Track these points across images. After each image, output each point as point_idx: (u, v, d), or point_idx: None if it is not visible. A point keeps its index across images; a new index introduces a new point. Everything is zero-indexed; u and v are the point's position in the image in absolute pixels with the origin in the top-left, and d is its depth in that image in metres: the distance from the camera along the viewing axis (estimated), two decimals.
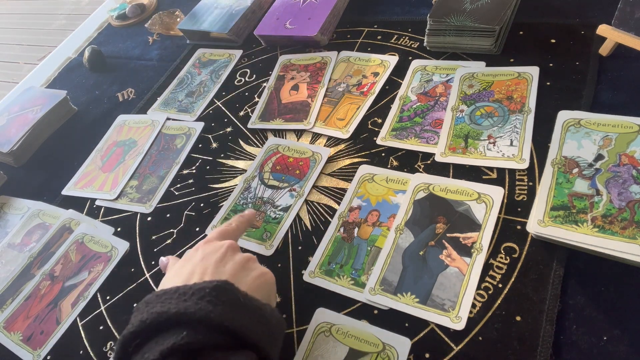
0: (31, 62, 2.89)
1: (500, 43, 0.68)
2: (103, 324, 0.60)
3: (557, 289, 0.46)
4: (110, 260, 0.66)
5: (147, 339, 0.37)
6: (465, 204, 0.54)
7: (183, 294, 0.38)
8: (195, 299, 0.37)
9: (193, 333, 0.35)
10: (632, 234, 0.45)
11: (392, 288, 0.51)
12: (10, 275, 0.69)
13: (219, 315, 0.36)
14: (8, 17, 3.45)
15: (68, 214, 0.74)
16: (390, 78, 0.72)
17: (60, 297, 0.64)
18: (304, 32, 0.80)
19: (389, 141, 0.64)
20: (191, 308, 0.36)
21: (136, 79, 0.94)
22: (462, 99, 0.64)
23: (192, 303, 0.37)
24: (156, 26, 1.02)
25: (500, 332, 0.46)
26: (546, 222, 0.49)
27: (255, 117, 0.76)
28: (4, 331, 0.64)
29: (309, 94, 0.75)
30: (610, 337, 0.43)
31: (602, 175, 0.51)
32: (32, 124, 0.86)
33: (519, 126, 0.59)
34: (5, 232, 0.77)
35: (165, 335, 0.36)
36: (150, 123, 0.83)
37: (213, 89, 0.84)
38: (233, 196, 0.66)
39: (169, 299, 0.38)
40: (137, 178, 0.75)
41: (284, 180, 0.65)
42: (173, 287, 0.39)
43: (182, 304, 0.37)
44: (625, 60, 0.61)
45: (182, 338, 0.35)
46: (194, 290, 0.38)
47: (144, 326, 0.36)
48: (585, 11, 0.68)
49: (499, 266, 0.50)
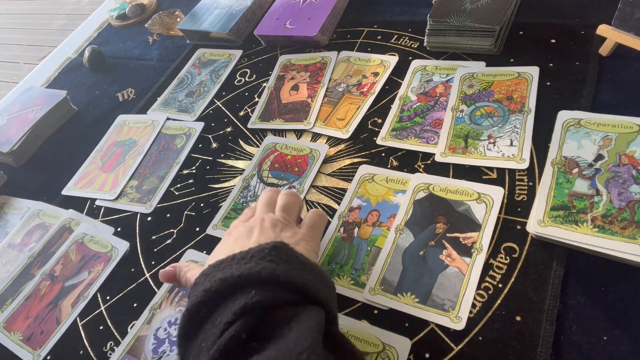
0: (31, 62, 2.89)
1: (500, 43, 0.68)
2: (103, 324, 0.60)
3: (557, 289, 0.46)
4: (110, 260, 0.66)
5: (215, 306, 0.36)
6: (465, 204, 0.54)
7: (241, 258, 0.37)
8: (256, 260, 0.37)
9: (262, 291, 0.35)
10: (632, 234, 0.45)
11: (392, 288, 0.51)
12: (10, 275, 0.69)
13: (284, 272, 0.36)
14: (8, 17, 3.45)
15: (68, 214, 0.74)
16: (390, 78, 0.72)
17: (60, 297, 0.64)
18: (304, 32, 0.80)
19: (389, 141, 0.64)
20: (255, 268, 0.35)
21: (136, 79, 0.94)
22: (462, 99, 0.64)
23: (255, 264, 0.36)
24: (156, 26, 1.02)
25: (500, 332, 0.46)
26: (546, 222, 0.49)
27: (255, 117, 0.76)
28: (4, 331, 0.64)
29: (309, 94, 0.75)
30: (610, 337, 0.43)
31: (602, 175, 0.51)
32: (32, 124, 0.87)
33: (519, 126, 0.59)
34: (5, 232, 0.77)
35: (232, 298, 0.35)
36: (150, 123, 0.83)
37: (213, 89, 0.84)
38: (232, 195, 0.66)
39: (228, 266, 0.37)
40: (137, 178, 0.75)
41: (283, 178, 0.66)
42: (229, 256, 0.38)
43: (244, 266, 0.36)
44: (625, 60, 0.61)
45: (252, 296, 0.34)
46: (253, 253, 0.37)
47: (209, 295, 0.35)
48: (585, 11, 0.68)
49: (499, 266, 0.50)
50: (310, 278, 0.37)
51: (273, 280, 0.35)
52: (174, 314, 0.58)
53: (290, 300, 0.36)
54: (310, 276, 0.38)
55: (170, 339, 0.56)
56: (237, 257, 0.38)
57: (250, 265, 0.36)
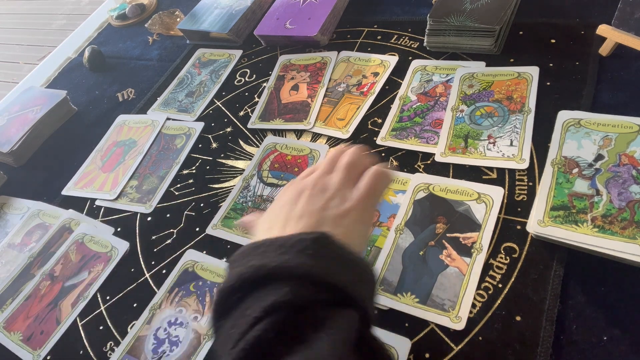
0: (31, 62, 2.89)
1: (500, 43, 0.68)
2: (103, 324, 0.60)
3: (557, 289, 0.46)
4: (110, 260, 0.66)
5: (246, 293, 0.35)
6: (465, 204, 0.54)
7: (280, 246, 0.35)
8: (294, 252, 0.35)
9: (295, 288, 0.33)
10: (632, 234, 0.45)
11: (392, 288, 0.51)
12: (10, 275, 0.69)
13: (322, 270, 0.34)
14: (8, 17, 3.45)
15: (68, 214, 0.74)
16: (390, 78, 0.72)
17: (60, 297, 0.64)
18: (304, 32, 0.80)
19: (389, 141, 0.64)
20: (292, 262, 0.34)
21: (136, 79, 0.94)
22: (462, 99, 0.64)
23: (292, 256, 0.34)
24: (156, 26, 1.02)
25: (500, 332, 0.45)
26: (546, 222, 0.49)
27: (255, 117, 0.76)
28: (4, 331, 0.64)
29: (309, 94, 0.75)
30: (610, 337, 0.43)
31: (602, 175, 0.51)
32: (32, 124, 0.86)
33: (519, 126, 0.59)
34: (5, 232, 0.77)
35: (265, 290, 0.34)
36: (150, 123, 0.83)
37: (213, 89, 0.84)
38: (232, 195, 0.66)
39: (265, 253, 0.35)
40: (137, 178, 0.75)
41: (283, 178, 0.66)
42: (268, 240, 0.36)
43: (280, 257, 0.34)
44: (625, 60, 0.61)
45: (284, 295, 0.32)
46: (292, 243, 0.35)
47: (242, 280, 0.34)
48: (585, 11, 0.68)
49: (499, 266, 0.50)
50: (349, 277, 0.35)
51: (309, 278, 0.33)
52: (174, 314, 0.58)
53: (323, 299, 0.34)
54: (350, 274, 0.35)
55: (170, 339, 0.56)
56: (276, 244, 0.36)
57: (287, 258, 0.34)
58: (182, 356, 0.54)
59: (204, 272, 0.60)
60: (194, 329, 0.56)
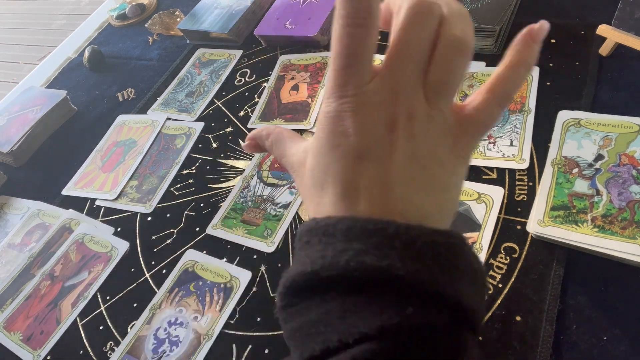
0: (31, 62, 2.89)
1: (500, 43, 0.68)
2: (103, 324, 0.60)
3: (557, 289, 0.46)
4: (110, 260, 0.66)
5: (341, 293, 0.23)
6: (465, 204, 0.54)
7: (391, 237, 0.23)
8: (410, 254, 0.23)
9: (422, 311, 0.22)
10: (632, 234, 0.45)
11: None
12: (10, 275, 0.69)
13: (456, 290, 0.23)
14: (8, 17, 3.45)
15: (68, 214, 0.74)
16: None
17: (60, 297, 0.64)
18: (304, 32, 0.80)
19: None
20: (423, 274, 0.22)
21: (136, 79, 0.94)
22: (462, 99, 0.64)
23: (421, 264, 0.22)
24: (156, 26, 1.02)
25: (500, 332, 0.45)
26: (546, 222, 0.49)
27: (255, 117, 0.76)
28: (4, 331, 0.64)
29: (309, 94, 0.75)
30: (610, 337, 0.43)
31: (602, 175, 0.51)
32: (32, 124, 0.86)
33: (519, 126, 0.59)
34: (5, 232, 0.77)
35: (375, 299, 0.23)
36: (150, 123, 0.83)
37: (213, 89, 0.84)
38: (232, 195, 0.66)
39: (357, 238, 0.23)
40: (137, 178, 0.75)
41: (283, 178, 0.66)
42: (361, 219, 0.23)
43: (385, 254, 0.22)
44: (625, 60, 0.61)
45: (410, 317, 0.22)
46: (411, 239, 0.23)
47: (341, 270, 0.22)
48: (585, 11, 0.68)
49: (499, 266, 0.50)
50: (479, 298, 0.25)
51: (440, 298, 0.23)
52: (174, 314, 0.58)
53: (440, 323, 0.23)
54: (475, 292, 0.24)
55: (170, 339, 0.56)
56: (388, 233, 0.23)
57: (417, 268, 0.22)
58: (182, 356, 0.54)
59: (204, 272, 0.60)
60: (194, 329, 0.56)
